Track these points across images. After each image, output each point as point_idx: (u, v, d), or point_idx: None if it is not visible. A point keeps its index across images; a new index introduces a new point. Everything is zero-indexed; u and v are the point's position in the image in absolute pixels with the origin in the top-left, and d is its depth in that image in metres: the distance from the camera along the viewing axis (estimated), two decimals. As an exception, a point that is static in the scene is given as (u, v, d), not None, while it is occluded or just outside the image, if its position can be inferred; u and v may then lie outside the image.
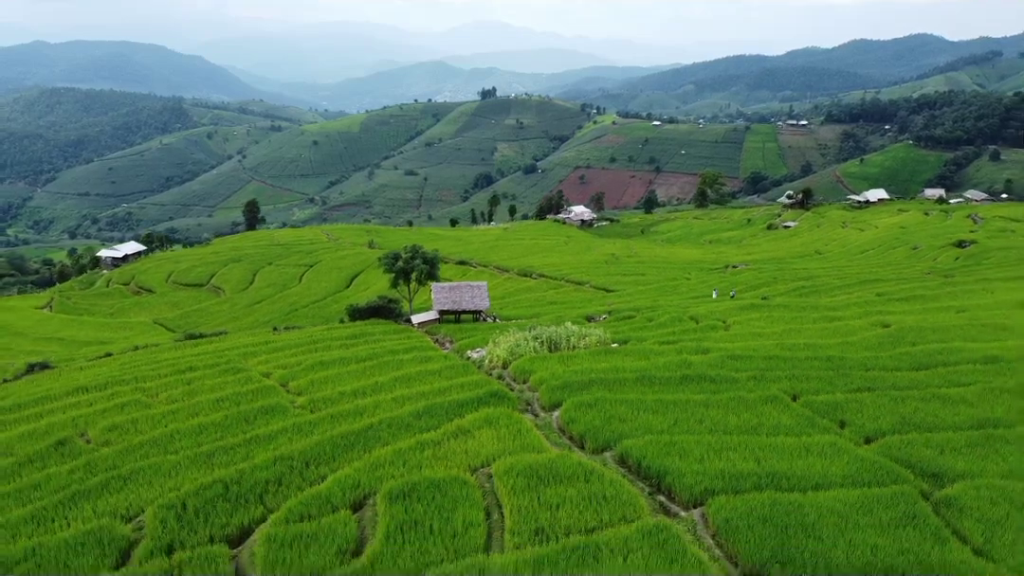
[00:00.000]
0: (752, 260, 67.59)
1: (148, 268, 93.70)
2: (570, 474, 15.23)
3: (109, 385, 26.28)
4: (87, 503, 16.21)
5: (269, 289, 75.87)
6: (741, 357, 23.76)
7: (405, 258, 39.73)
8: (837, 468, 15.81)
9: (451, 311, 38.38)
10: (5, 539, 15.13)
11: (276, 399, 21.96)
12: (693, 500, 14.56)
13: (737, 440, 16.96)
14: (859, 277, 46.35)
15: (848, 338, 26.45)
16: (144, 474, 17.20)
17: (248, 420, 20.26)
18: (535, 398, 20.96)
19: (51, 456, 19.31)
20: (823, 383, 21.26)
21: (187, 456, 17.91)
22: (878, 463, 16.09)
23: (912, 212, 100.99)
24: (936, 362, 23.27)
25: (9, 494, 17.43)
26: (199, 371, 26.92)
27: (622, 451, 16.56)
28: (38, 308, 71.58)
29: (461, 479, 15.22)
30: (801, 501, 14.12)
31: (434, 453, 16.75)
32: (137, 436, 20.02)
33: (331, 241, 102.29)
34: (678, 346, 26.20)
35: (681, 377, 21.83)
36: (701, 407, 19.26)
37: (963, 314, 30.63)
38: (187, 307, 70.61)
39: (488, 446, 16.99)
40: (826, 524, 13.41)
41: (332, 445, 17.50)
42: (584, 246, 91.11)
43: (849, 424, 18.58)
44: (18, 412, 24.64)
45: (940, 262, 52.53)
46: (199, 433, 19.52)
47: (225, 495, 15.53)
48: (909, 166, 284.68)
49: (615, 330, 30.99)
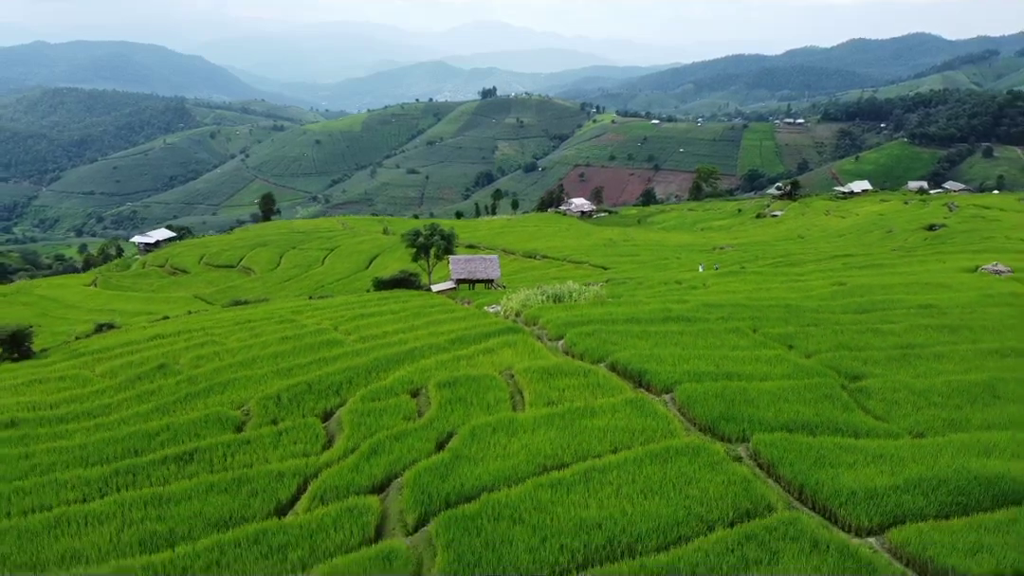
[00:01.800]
0: (738, 243, 72.85)
1: (180, 252, 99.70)
2: (573, 371, 19.99)
3: (181, 334, 31.01)
4: (199, 401, 20.95)
5: (295, 269, 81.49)
6: (714, 305, 28.49)
7: (425, 235, 44.57)
8: (778, 370, 20.55)
9: (467, 280, 43.27)
10: (139, 421, 19.88)
11: (332, 336, 26.72)
12: (664, 388, 19.27)
13: (702, 353, 21.70)
14: (831, 253, 51.19)
15: (807, 293, 31.17)
16: (238, 383, 21.93)
17: (312, 349, 25.01)
18: (544, 332, 25.68)
19: (155, 375, 24.03)
20: (779, 321, 25.99)
21: (270, 371, 22.65)
22: (812, 367, 20.84)
23: (893, 202, 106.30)
24: (876, 307, 28.00)
25: (130, 398, 22.18)
26: (257, 322, 31.66)
27: (612, 360, 21.28)
28: (86, 285, 76.91)
29: (491, 375, 19.98)
30: (746, 387, 18.84)
31: (468, 362, 21.50)
32: (222, 362, 24.75)
33: (346, 229, 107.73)
34: (662, 298, 30.98)
35: (663, 318, 26.56)
36: (677, 335, 23.99)
37: (911, 276, 35.40)
38: (221, 285, 75.83)
39: (509, 358, 21.74)
40: (763, 399, 18.14)
41: (386, 359, 22.24)
42: (583, 232, 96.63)
43: (795, 347, 23.28)
44: (108, 352, 29.36)
45: (909, 242, 57.30)
46: (275, 358, 24.25)
47: (309, 390, 20.28)
48: (903, 163, 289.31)
49: (610, 291, 35.78)
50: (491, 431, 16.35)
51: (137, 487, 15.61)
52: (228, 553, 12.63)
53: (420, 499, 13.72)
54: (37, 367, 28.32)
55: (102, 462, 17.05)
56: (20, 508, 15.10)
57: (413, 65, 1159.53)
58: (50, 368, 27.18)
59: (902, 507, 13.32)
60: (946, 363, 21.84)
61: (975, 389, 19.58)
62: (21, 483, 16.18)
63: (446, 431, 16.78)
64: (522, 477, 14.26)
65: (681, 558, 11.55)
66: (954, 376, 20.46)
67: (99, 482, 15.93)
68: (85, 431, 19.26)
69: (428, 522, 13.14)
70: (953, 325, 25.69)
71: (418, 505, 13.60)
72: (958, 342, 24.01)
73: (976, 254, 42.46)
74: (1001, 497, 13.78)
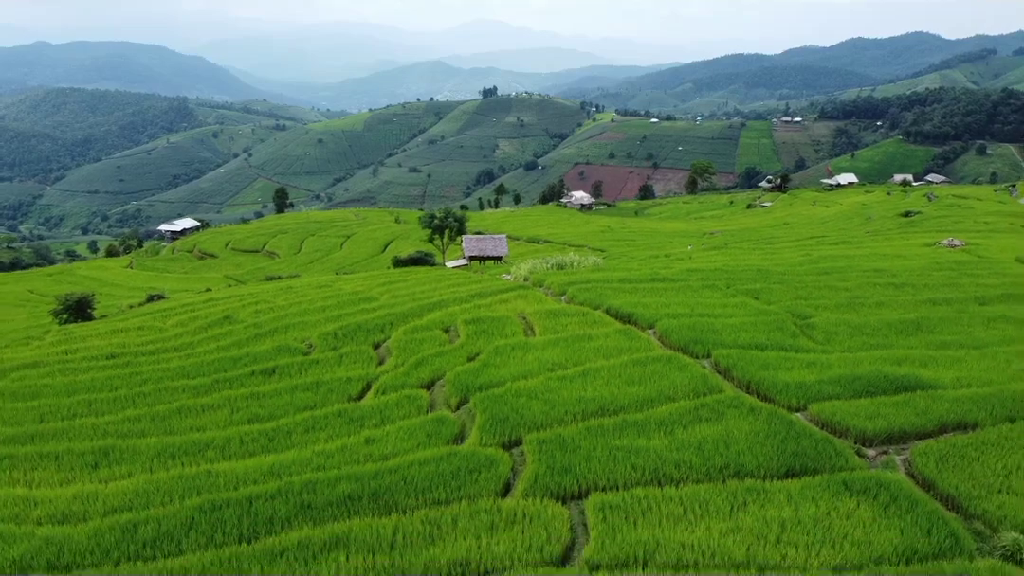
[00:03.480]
0: (727, 229, 77.62)
1: (206, 238, 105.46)
2: (574, 312, 24.47)
3: (232, 298, 35.45)
4: (266, 339, 25.40)
5: (316, 253, 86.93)
6: (695, 270, 32.93)
7: (440, 217, 49.23)
8: (742, 312, 25.00)
9: (478, 257, 47.83)
10: (221, 352, 24.30)
11: (368, 295, 31.19)
12: (648, 324, 23.69)
13: (681, 300, 26.18)
14: (809, 235, 55.76)
15: (778, 262, 35.62)
16: (297, 326, 26.38)
17: (353, 303, 29.48)
18: (549, 290, 30.13)
19: (222, 324, 28.48)
20: (749, 280, 30.42)
21: (321, 318, 27.11)
22: (770, 311, 25.29)
23: (876, 193, 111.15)
24: (834, 271, 32.44)
25: (206, 338, 26.64)
26: (298, 289, 36.10)
27: (607, 306, 25.71)
28: (124, 267, 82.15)
29: (507, 316, 24.45)
30: (714, 322, 23.28)
31: (487, 308, 25.97)
32: (278, 313, 29.19)
33: (359, 219, 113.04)
34: (651, 266, 35.47)
35: (650, 279, 31.00)
36: (661, 290, 28.44)
37: (874, 250, 39.88)
38: (249, 267, 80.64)
39: (521, 305, 26.21)
40: (726, 330, 22.56)
41: (419, 308, 26.69)
42: (583, 221, 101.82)
43: (760, 298, 27.70)
44: (171, 312, 33.81)
45: (884, 227, 61.74)
46: (322, 310, 28.69)
47: (359, 329, 24.73)
48: (898, 160, 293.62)
49: (606, 263, 40.29)
50: (510, 349, 20.81)
51: (235, 389, 20.06)
52: (319, 422, 17.10)
53: (459, 388, 18.18)
54: (110, 323, 32.77)
55: (201, 375, 21.49)
56: (146, 404, 19.55)
57: (412, 65, 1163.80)
58: (125, 323, 31.61)
59: (823, 393, 17.74)
60: (885, 309, 26.28)
61: (903, 325, 24.04)
62: (140, 389, 20.63)
63: (474, 351, 21.22)
64: (535, 374, 18.71)
65: (651, 415, 16.03)
66: (888, 317, 24.92)
67: (204, 387, 20.38)
68: (178, 359, 23.71)
69: (467, 402, 17.59)
70: (899, 283, 30.13)
71: (458, 392, 18.06)
72: (899, 295, 28.44)
73: (939, 233, 46.88)
74: (901, 388, 18.18)
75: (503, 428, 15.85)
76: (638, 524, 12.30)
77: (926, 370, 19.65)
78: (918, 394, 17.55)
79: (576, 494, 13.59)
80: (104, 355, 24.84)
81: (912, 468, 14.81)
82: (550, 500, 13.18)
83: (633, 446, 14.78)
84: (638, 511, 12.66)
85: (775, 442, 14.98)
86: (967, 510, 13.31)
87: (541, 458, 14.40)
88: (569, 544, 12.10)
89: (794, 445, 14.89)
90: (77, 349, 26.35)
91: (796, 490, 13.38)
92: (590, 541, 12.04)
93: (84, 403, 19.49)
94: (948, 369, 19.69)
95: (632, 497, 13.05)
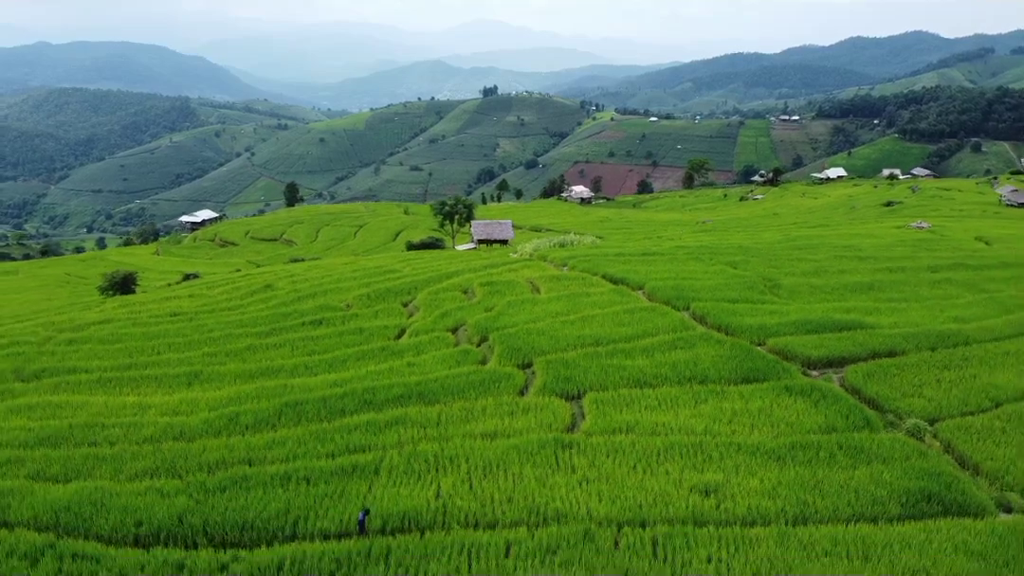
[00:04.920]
0: (718, 219, 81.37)
1: (225, 228, 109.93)
2: (574, 277, 28.30)
3: (266, 273, 39.22)
4: (308, 300, 29.21)
5: (332, 241, 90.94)
6: (682, 247, 36.74)
7: (450, 204, 53.08)
8: (720, 277, 28.80)
9: (486, 240, 51.60)
10: (270, 310, 28.08)
11: (390, 269, 35.00)
12: (637, 286, 27.49)
13: (671, 270, 29.99)
14: (793, 222, 59.55)
15: (758, 240, 39.37)
16: (333, 291, 30.18)
17: (380, 273, 33.30)
18: (552, 263, 33.93)
19: (264, 291, 32.28)
20: (729, 254, 34.21)
21: (354, 284, 30.92)
22: (744, 276, 29.08)
23: (864, 186, 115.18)
24: (807, 246, 36.24)
25: (254, 301, 30.44)
26: (324, 267, 39.91)
27: (602, 273, 29.52)
28: (152, 254, 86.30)
29: (516, 280, 28.27)
30: (695, 284, 27.08)
31: (499, 275, 29.79)
32: (313, 283, 32.98)
33: (369, 212, 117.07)
34: (643, 244, 39.25)
35: (641, 253, 34.83)
36: (651, 261, 32.27)
37: (849, 231, 43.66)
38: (269, 253, 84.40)
39: (528, 272, 30.03)
40: (705, 289, 26.34)
41: (439, 276, 30.54)
42: (582, 213, 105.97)
43: (737, 267, 31.51)
44: (213, 284, 37.58)
45: (865, 215, 65.55)
46: (353, 279, 32.49)
47: (388, 291, 28.55)
48: (894, 158, 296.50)
49: (603, 243, 44.13)
50: (520, 303, 24.63)
51: (291, 334, 23.85)
52: (367, 354, 20.91)
53: (479, 329, 22.00)
54: (160, 293, 36.57)
55: (259, 326, 25.29)
56: (218, 344, 23.33)
57: (412, 64, 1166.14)
58: (174, 292, 35.41)
59: (779, 332, 21.50)
60: (845, 275, 30.08)
61: (858, 286, 27.85)
62: (209, 335, 24.44)
63: (490, 305, 25.02)
64: (542, 320, 22.55)
65: (636, 344, 19.86)
66: (847, 281, 28.72)
67: (264, 333, 24.20)
68: (234, 315, 27.51)
69: (487, 340, 21.39)
70: (863, 256, 33.94)
71: (479, 332, 21.87)
72: (861, 265, 32.25)
73: (911, 218, 50.67)
74: (845, 328, 21.94)
75: (517, 355, 19.65)
76: (623, 411, 16.10)
77: (869, 316, 23.44)
78: (858, 332, 21.33)
79: (576, 395, 17.39)
80: (167, 313, 28.63)
81: (844, 382, 18.59)
82: (556, 398, 16.98)
83: (620, 364, 18.58)
84: (623, 403, 16.47)
85: (734, 362, 18.78)
86: (883, 407, 17.10)
87: (548, 372, 18.21)
88: (571, 424, 15.90)
89: (749, 364, 18.69)
90: (140, 311, 30.16)
91: (747, 392, 17.18)
92: (586, 420, 15.86)
93: (164, 345, 23.30)
94: (888, 316, 23.49)
95: (618, 395, 16.86)
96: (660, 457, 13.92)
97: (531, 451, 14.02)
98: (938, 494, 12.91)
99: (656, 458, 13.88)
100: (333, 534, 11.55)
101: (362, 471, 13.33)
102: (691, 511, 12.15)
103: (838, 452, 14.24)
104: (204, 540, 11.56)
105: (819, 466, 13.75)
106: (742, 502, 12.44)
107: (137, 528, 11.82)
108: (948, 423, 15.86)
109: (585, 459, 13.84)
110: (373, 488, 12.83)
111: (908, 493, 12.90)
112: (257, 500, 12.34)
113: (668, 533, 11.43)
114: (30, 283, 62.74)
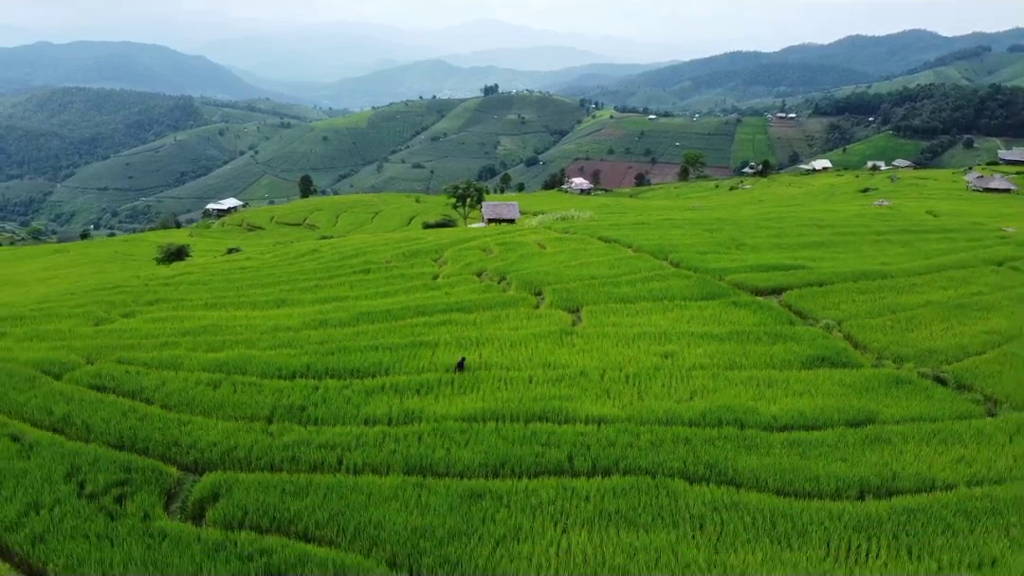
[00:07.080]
0: (708, 206, 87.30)
1: (251, 214, 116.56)
2: (574, 238, 34.03)
3: (306, 243, 44.82)
4: (353, 259, 34.83)
5: (352, 225, 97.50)
6: (668, 220, 42.40)
7: (463, 188, 58.93)
8: (697, 239, 34.47)
9: (495, 219, 57.27)
10: (319, 265, 33.71)
11: (415, 238, 40.65)
12: (628, 245, 33.14)
13: (656, 234, 35.67)
14: (776, 206, 65.25)
15: (735, 215, 45.03)
16: (372, 252, 35.83)
17: (409, 241, 39.00)
18: (555, 231, 39.59)
19: (311, 254, 37.92)
20: (708, 224, 39.86)
21: (389, 248, 36.55)
22: (717, 238, 34.73)
23: (847, 176, 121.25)
24: (776, 219, 41.88)
25: (302, 260, 36.09)
26: (356, 240, 45.55)
27: (598, 236, 35.19)
28: (188, 236, 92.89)
29: (526, 241, 33.94)
30: (675, 243, 32.75)
31: (511, 237, 35.43)
32: (352, 247, 38.59)
33: (381, 201, 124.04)
34: (635, 217, 44.93)
35: (632, 224, 40.53)
36: (639, 229, 37.95)
37: (819, 208, 49.26)
38: (295, 236, 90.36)
39: (536, 237, 35.72)
40: (682, 246, 31.98)
41: (460, 239, 36.19)
42: (581, 201, 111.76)
43: (713, 233, 37.14)
44: (260, 252, 43.18)
45: (842, 199, 71.22)
46: (386, 245, 38.13)
47: (420, 251, 34.23)
48: (888, 154, 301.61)
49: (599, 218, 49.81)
50: (530, 255, 30.33)
51: (345, 278, 29.49)
52: (411, 289, 26.54)
53: (499, 272, 27.71)
54: (216, 259, 42.20)
55: (317, 274, 30.91)
56: (289, 284, 28.94)
57: (412, 64, 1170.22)
58: (228, 258, 41.03)
59: (737, 271, 27.12)
60: (803, 238, 35.70)
61: (811, 244, 33.48)
62: (279, 279, 30.05)
63: (506, 258, 30.67)
64: (548, 266, 28.23)
65: (621, 279, 25.56)
66: (802, 241, 34.33)
67: (322, 278, 29.83)
68: (292, 269, 33.12)
69: (505, 279, 27.04)
70: (822, 225, 39.57)
71: (498, 274, 27.58)
72: (819, 231, 37.83)
73: (881, 199, 56.19)
74: (790, 268, 27.52)
75: (530, 286, 25.34)
76: (610, 316, 21.78)
77: (812, 262, 29.08)
78: (800, 271, 26.98)
79: (575, 309, 23.06)
80: (236, 268, 34.27)
81: (781, 302, 24.21)
82: (561, 309, 22.65)
83: (610, 291, 24.26)
84: (610, 312, 22.14)
85: (697, 288, 24.47)
86: (806, 316, 22.72)
87: (555, 295, 23.89)
88: (572, 324, 21.54)
89: (709, 289, 24.38)
90: (206, 269, 35.77)
91: (705, 305, 22.85)
92: (583, 322, 21.54)
93: (246, 284, 28.98)
94: (828, 262, 29.12)
95: (606, 307, 22.54)
96: (635, 340, 19.56)
97: (544, 336, 19.68)
98: (831, 358, 18.55)
99: (632, 340, 19.52)
100: (415, 372, 17.23)
101: (426, 345, 18.99)
102: (653, 365, 17.79)
103: (764, 337, 19.88)
104: (327, 378, 17.20)
105: (749, 343, 19.40)
106: (689, 360, 18.09)
107: (279, 372, 17.46)
108: (852, 322, 21.47)
109: (582, 340, 19.49)
110: (436, 354, 18.48)
111: (811, 357, 18.54)
112: (358, 358, 18.00)
113: (636, 373, 17.07)
114: (82, 259, 68.62)
